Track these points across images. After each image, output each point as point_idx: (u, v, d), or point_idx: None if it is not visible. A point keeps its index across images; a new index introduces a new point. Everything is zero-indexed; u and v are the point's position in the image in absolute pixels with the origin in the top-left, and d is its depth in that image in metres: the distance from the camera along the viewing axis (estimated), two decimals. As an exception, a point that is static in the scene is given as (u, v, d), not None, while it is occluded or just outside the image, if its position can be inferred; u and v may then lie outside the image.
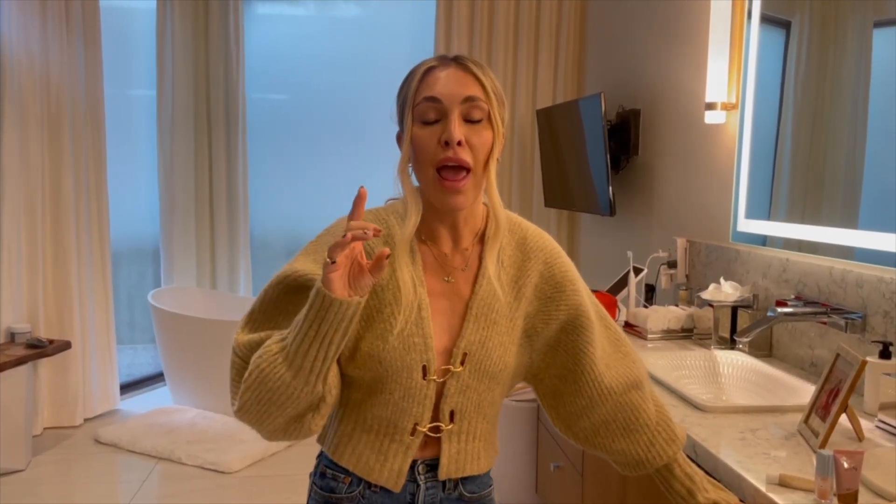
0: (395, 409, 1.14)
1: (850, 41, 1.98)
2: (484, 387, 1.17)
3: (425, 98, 1.09)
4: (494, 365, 1.16)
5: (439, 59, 1.13)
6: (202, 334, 4.06)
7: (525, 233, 1.23)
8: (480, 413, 1.19)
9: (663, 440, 1.27)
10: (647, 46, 3.36)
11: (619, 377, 1.25)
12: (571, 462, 2.36)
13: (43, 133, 3.82)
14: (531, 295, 1.20)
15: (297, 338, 1.01)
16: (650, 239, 3.28)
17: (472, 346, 1.15)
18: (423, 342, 1.12)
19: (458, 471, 1.19)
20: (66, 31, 3.85)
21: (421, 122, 1.10)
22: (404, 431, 1.15)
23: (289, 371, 1.02)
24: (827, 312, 1.93)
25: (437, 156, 1.09)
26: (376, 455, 1.16)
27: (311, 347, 1.01)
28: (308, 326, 1.00)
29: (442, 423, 1.16)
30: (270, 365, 1.03)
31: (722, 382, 2.11)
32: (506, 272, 1.19)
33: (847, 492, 1.17)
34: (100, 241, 4.11)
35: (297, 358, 1.02)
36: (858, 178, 1.94)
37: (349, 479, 1.19)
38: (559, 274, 1.22)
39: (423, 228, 1.17)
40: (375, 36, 4.98)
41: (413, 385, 1.13)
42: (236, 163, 4.63)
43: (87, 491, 3.27)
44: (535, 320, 1.21)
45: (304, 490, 3.57)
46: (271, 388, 1.03)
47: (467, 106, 1.09)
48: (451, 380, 1.14)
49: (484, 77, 1.11)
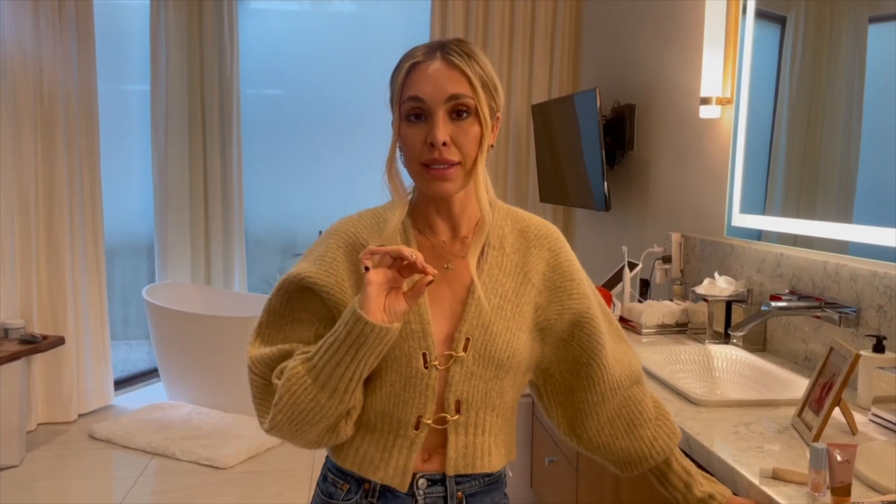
0: (397, 401, 1.12)
1: (846, 36, 1.98)
2: (490, 374, 1.13)
3: (410, 97, 1.09)
4: (501, 351, 1.13)
5: (426, 50, 1.11)
6: (197, 330, 4.06)
7: (528, 222, 1.22)
8: (488, 404, 1.15)
9: (665, 434, 1.26)
10: (642, 41, 3.36)
11: (624, 371, 1.24)
12: (566, 457, 2.36)
13: (36, 129, 3.80)
14: (539, 284, 1.18)
15: (332, 361, 1.03)
16: (645, 234, 3.29)
17: (475, 331, 1.12)
18: (420, 328, 1.11)
19: (466, 466, 1.15)
20: (60, 26, 3.83)
21: (407, 120, 1.10)
22: (408, 425, 1.12)
23: (322, 392, 1.04)
24: (821, 307, 1.93)
25: (423, 155, 1.09)
26: (380, 453, 1.14)
27: (347, 370, 1.03)
28: (345, 352, 1.02)
29: (447, 413, 1.13)
30: (300, 388, 1.05)
31: (716, 377, 2.12)
32: (509, 259, 1.18)
33: (840, 485, 1.17)
34: (94, 236, 4.09)
35: (331, 380, 1.04)
36: (853, 172, 1.94)
37: (347, 486, 1.17)
38: (566, 263, 1.21)
39: (419, 219, 1.17)
40: (370, 31, 4.98)
41: (414, 374, 1.11)
42: (231, 158, 4.62)
43: (81, 487, 3.26)
44: (547, 313, 1.18)
45: (298, 485, 3.57)
46: (304, 409, 1.05)
47: (452, 104, 1.08)
48: (455, 366, 1.12)
49: (470, 71, 1.09)
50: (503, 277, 1.17)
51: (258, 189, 4.95)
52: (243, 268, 4.77)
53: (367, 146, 4.78)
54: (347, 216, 1.21)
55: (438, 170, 1.08)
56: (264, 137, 4.95)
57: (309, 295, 1.13)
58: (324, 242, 1.17)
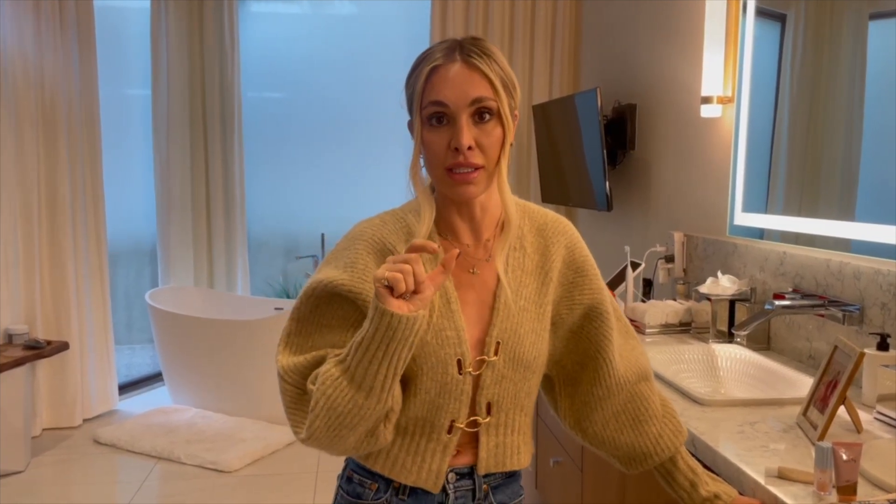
0: (431, 407, 1.12)
1: (846, 33, 1.98)
2: (519, 376, 1.15)
3: (432, 102, 1.08)
4: (528, 352, 1.15)
5: (445, 52, 1.09)
6: (200, 334, 4.06)
7: (545, 218, 1.23)
8: (517, 404, 1.17)
9: (670, 432, 1.27)
10: (642, 41, 3.36)
11: (631, 367, 1.25)
12: (571, 457, 2.36)
13: (38, 133, 3.81)
14: (556, 280, 1.20)
15: (364, 359, 1.00)
16: (647, 233, 3.28)
17: (505, 334, 1.13)
18: (455, 335, 1.11)
19: (497, 465, 1.17)
20: (61, 30, 3.84)
21: (429, 125, 1.09)
22: (441, 430, 1.13)
23: (359, 393, 1.01)
24: (824, 305, 1.92)
25: (447, 160, 1.08)
26: (412, 457, 1.14)
27: (381, 366, 1.00)
28: (375, 347, 0.99)
29: (479, 416, 1.14)
30: (336, 390, 1.02)
31: (720, 376, 2.11)
32: (530, 259, 1.19)
33: (846, 484, 1.17)
34: (97, 241, 4.10)
35: (366, 379, 1.01)
36: (855, 170, 1.94)
37: (376, 486, 1.17)
38: (580, 258, 1.22)
39: (441, 224, 1.17)
40: (371, 34, 4.98)
41: (449, 380, 1.11)
42: (232, 161, 4.62)
43: (86, 492, 3.26)
44: (560, 307, 1.20)
45: (303, 488, 3.56)
46: (342, 412, 1.02)
47: (475, 107, 1.07)
48: (487, 370, 1.13)
49: (491, 72, 1.08)
50: (526, 278, 1.18)
51: (260, 192, 4.96)
52: (246, 271, 4.78)
53: (368, 147, 4.79)
54: (368, 219, 1.19)
55: (463, 174, 1.07)
56: (266, 140, 4.96)
57: (339, 301, 1.11)
58: (350, 248, 1.15)
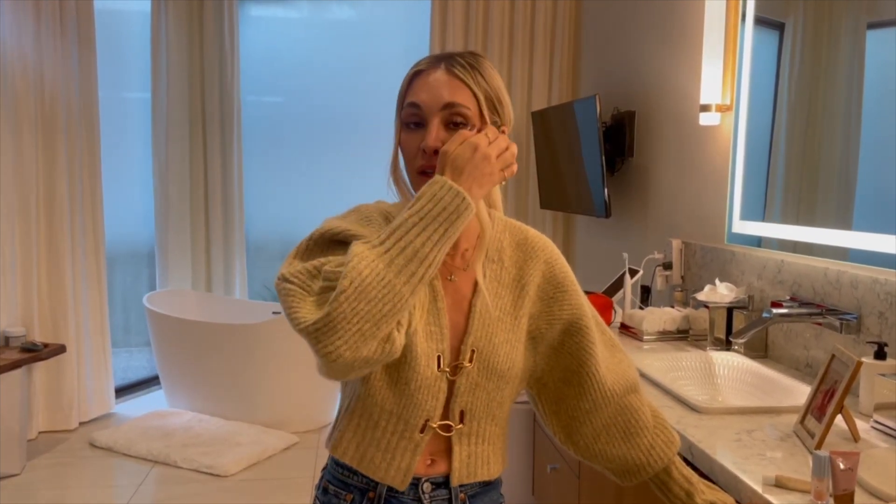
0: (407, 402, 1.12)
1: (844, 42, 1.99)
2: (493, 385, 1.16)
3: (408, 104, 1.12)
4: (502, 362, 1.15)
5: (432, 60, 1.13)
6: (197, 337, 4.05)
7: (525, 234, 1.24)
8: (489, 414, 1.18)
9: (662, 442, 1.27)
10: (641, 48, 3.37)
11: (618, 380, 1.25)
12: (568, 464, 2.36)
13: (37, 136, 3.81)
14: (534, 295, 1.20)
15: (417, 239, 0.98)
16: (645, 240, 3.29)
17: (480, 343, 1.14)
18: (439, 332, 1.13)
19: (469, 476, 1.18)
20: (61, 33, 3.84)
21: (407, 128, 1.12)
22: (414, 428, 1.13)
23: (399, 277, 0.97)
24: (822, 313, 1.93)
25: (417, 161, 1.11)
26: (382, 453, 1.15)
27: (433, 250, 0.98)
28: (434, 228, 0.98)
29: (452, 422, 1.15)
30: (372, 272, 0.96)
31: (718, 384, 2.11)
32: (507, 272, 1.20)
33: (843, 493, 1.16)
34: (94, 243, 4.10)
35: (412, 262, 0.97)
36: (852, 179, 1.95)
37: (351, 497, 1.18)
38: (560, 274, 1.23)
39: None
40: (370, 38, 4.99)
41: (429, 374, 1.11)
42: (231, 165, 4.62)
43: (82, 495, 3.25)
44: (538, 322, 1.21)
45: (299, 493, 3.54)
46: (374, 296, 0.95)
47: (448, 112, 1.09)
48: (461, 377, 1.14)
49: (472, 82, 1.10)
50: (502, 290, 1.19)
51: (259, 195, 4.95)
52: (244, 275, 4.77)
53: (367, 152, 4.78)
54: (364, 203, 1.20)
55: (430, 175, 1.08)
56: (265, 144, 4.96)
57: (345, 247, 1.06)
58: (356, 212, 1.16)
